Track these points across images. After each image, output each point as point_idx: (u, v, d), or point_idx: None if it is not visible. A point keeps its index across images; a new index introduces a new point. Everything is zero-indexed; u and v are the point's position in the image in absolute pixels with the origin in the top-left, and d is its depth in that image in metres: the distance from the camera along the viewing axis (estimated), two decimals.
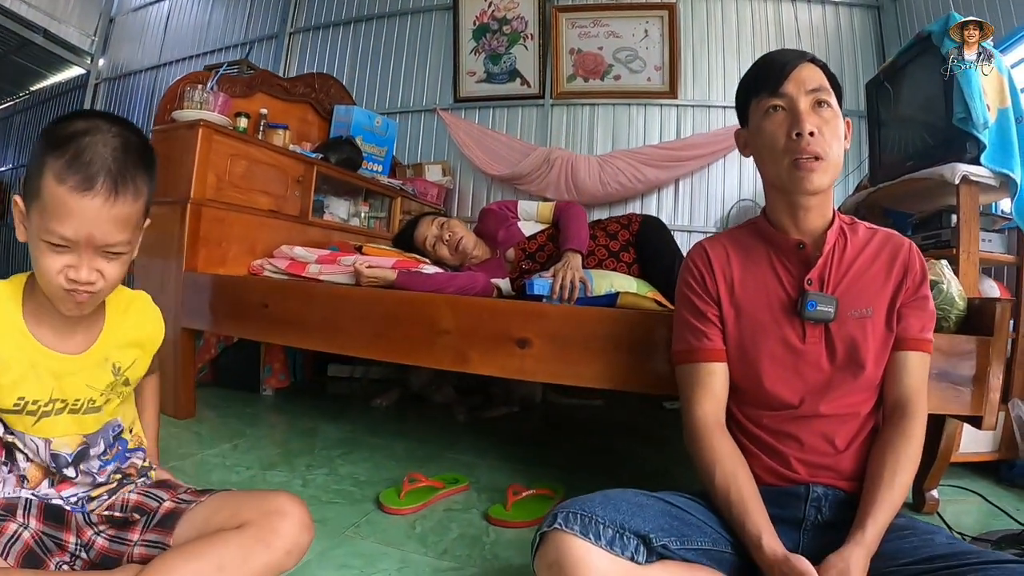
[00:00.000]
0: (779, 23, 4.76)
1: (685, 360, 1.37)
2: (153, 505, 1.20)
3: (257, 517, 1.13)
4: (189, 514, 1.17)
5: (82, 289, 1.03)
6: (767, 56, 1.33)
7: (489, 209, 3.03)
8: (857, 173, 4.02)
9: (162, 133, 2.68)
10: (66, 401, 1.15)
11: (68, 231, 0.99)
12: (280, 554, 1.11)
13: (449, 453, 2.41)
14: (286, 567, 1.14)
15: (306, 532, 1.17)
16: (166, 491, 1.25)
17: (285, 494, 1.20)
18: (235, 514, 1.14)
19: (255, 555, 1.08)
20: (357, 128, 3.92)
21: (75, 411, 1.16)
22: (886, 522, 1.11)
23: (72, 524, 1.14)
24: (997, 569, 0.93)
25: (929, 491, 2.00)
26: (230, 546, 1.08)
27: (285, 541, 1.12)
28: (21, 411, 1.10)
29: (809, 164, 1.20)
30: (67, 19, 6.70)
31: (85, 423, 1.19)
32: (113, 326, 1.23)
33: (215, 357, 3.22)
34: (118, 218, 1.02)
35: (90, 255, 1.02)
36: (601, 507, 1.05)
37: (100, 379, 1.20)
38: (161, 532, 1.15)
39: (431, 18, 5.43)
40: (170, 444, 2.14)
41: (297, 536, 1.14)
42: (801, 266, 1.29)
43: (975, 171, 2.19)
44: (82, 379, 1.16)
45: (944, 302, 1.70)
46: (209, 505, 1.19)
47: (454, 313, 1.99)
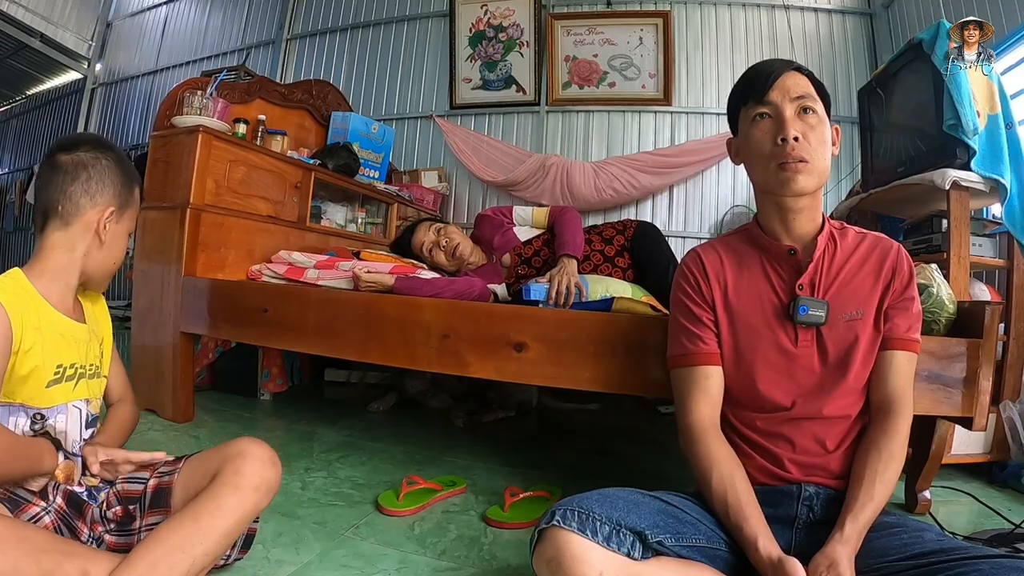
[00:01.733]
0: (772, 30, 4.80)
1: (680, 364, 1.39)
2: (139, 488, 1.26)
3: (222, 463, 1.19)
4: (175, 487, 1.24)
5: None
6: (754, 66, 1.36)
7: (485, 215, 3.05)
8: (850, 179, 4.05)
9: (162, 139, 2.69)
10: (84, 366, 1.27)
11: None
12: (249, 491, 1.16)
13: (447, 456, 2.42)
14: (260, 504, 1.19)
15: (270, 466, 1.22)
16: (145, 470, 1.30)
17: (245, 438, 1.26)
18: (206, 471, 1.20)
19: (224, 497, 1.13)
20: (354, 134, 3.94)
21: (90, 376, 1.30)
22: (869, 519, 1.13)
23: (88, 516, 1.20)
24: (986, 563, 0.95)
25: (921, 492, 2.02)
26: (202, 497, 1.13)
27: (250, 479, 1.16)
28: (62, 378, 1.20)
29: (794, 167, 1.23)
30: (64, 24, 6.73)
31: (94, 387, 1.32)
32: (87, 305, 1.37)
33: (213, 361, 3.23)
34: None
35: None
36: (598, 504, 1.08)
37: (94, 351, 1.34)
38: (160, 511, 1.22)
39: (427, 25, 5.47)
40: (168, 448, 2.10)
41: (260, 471, 1.18)
42: (793, 271, 1.32)
43: (965, 176, 2.22)
44: (91, 348, 1.31)
45: (934, 305, 1.72)
46: (185, 471, 1.26)
47: (452, 318, 2.01)
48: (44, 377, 1.17)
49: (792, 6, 4.80)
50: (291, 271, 2.64)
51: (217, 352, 3.23)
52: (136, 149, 6.03)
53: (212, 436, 2.42)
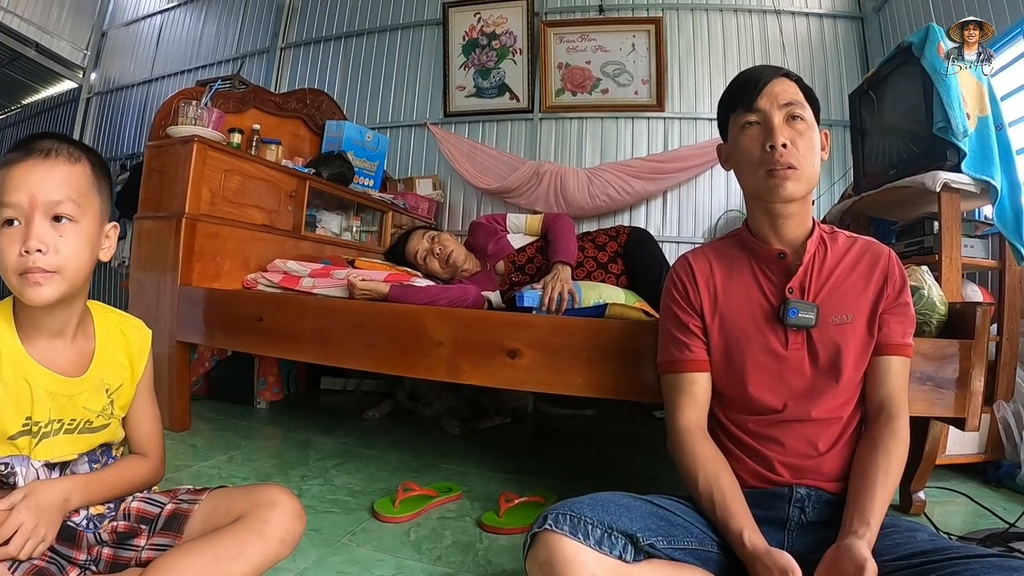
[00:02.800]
0: (764, 36, 4.82)
1: (669, 371, 1.42)
2: (155, 511, 1.23)
3: (250, 509, 1.17)
4: (193, 516, 1.20)
5: (33, 266, 1.03)
6: (743, 73, 1.38)
7: (478, 223, 3.06)
8: (842, 182, 4.07)
9: (157, 148, 2.70)
10: (62, 421, 1.16)
11: (12, 195, 1.03)
12: (274, 543, 1.15)
13: (442, 463, 2.42)
14: (282, 555, 1.18)
15: (297, 520, 1.20)
16: (165, 495, 1.28)
17: (276, 486, 1.24)
18: (230, 509, 1.19)
19: (249, 545, 1.12)
20: (348, 143, 3.95)
21: (70, 431, 1.18)
22: (883, 516, 1.14)
23: (83, 543, 1.16)
24: (977, 563, 0.95)
25: (916, 493, 2.03)
26: (224, 538, 1.11)
27: (277, 530, 1.15)
28: (28, 432, 1.11)
29: (783, 173, 1.25)
30: (59, 33, 6.72)
31: (79, 443, 1.21)
32: (104, 347, 1.25)
33: (209, 370, 3.24)
34: (59, 177, 1.07)
35: (38, 223, 1.04)
36: (590, 508, 1.08)
37: (96, 402, 1.22)
38: (169, 535, 1.19)
39: (421, 33, 5.47)
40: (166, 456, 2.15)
41: (288, 524, 1.18)
42: (782, 275, 1.33)
43: (956, 179, 2.22)
44: (80, 402, 1.18)
45: (925, 307, 1.73)
46: (207, 503, 1.23)
47: (446, 325, 2.02)
48: (6, 430, 1.08)
49: (784, 11, 4.82)
50: (286, 280, 2.65)
51: (213, 361, 3.23)
52: (131, 159, 6.01)
53: (209, 445, 2.42)
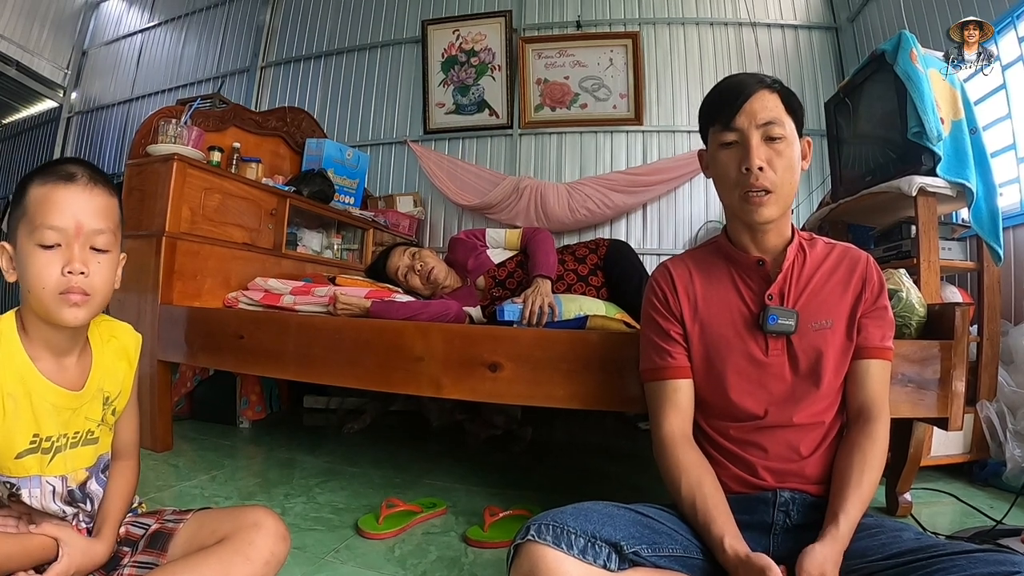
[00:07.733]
0: (740, 48, 4.88)
1: (651, 378, 1.41)
2: (139, 533, 1.23)
3: (234, 531, 1.17)
4: (177, 535, 1.21)
5: (75, 286, 1.05)
6: (725, 82, 1.36)
7: (458, 238, 3.05)
8: (820, 190, 4.10)
9: (137, 167, 2.69)
10: (67, 435, 1.16)
11: (57, 219, 1.05)
12: (258, 565, 1.14)
13: (427, 479, 2.40)
14: None
15: (282, 542, 1.20)
16: (151, 517, 1.28)
17: (261, 508, 1.24)
18: (215, 530, 1.19)
19: (234, 567, 1.12)
20: (328, 161, 3.94)
21: (75, 444, 1.17)
22: (856, 518, 1.14)
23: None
24: (963, 558, 0.96)
25: (902, 495, 2.04)
26: (210, 560, 1.11)
27: (262, 552, 1.15)
28: (36, 449, 1.10)
29: (758, 199, 1.25)
30: (40, 52, 6.71)
31: (85, 455, 1.20)
32: (100, 356, 1.25)
33: (191, 390, 3.21)
34: (99, 206, 1.10)
35: (80, 248, 1.06)
36: (573, 518, 1.08)
37: (96, 411, 1.22)
38: (152, 553, 1.19)
39: (400, 51, 5.51)
40: (148, 476, 2.13)
41: (273, 547, 1.18)
42: (762, 282, 1.34)
43: (931, 182, 2.25)
44: (83, 413, 1.18)
45: (904, 309, 1.75)
46: (192, 523, 1.23)
47: (427, 340, 2.01)
48: (14, 447, 1.07)
49: (759, 23, 4.89)
50: (267, 297, 2.64)
51: (195, 381, 3.21)
52: (112, 178, 5.96)
53: (191, 465, 2.39)
